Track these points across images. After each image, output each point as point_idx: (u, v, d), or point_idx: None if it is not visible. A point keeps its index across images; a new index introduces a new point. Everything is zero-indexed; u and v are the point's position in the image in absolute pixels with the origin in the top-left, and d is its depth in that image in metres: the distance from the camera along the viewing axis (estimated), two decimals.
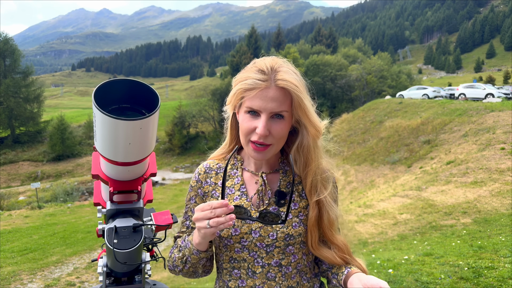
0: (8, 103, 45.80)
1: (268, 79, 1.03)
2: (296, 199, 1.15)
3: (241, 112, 1.08)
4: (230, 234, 1.11)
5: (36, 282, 7.60)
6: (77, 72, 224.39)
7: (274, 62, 1.06)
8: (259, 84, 1.02)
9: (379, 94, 46.33)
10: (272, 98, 1.02)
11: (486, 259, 4.72)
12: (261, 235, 1.09)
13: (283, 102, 1.03)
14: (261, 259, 1.10)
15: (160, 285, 1.26)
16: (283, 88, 1.02)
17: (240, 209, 1.00)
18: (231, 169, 1.21)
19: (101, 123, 0.82)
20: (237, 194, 1.16)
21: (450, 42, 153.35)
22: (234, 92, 1.09)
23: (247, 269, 1.12)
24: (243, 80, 1.05)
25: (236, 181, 1.18)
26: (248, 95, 1.03)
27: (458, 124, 17.55)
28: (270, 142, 1.05)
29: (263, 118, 1.02)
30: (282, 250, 1.10)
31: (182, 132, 46.93)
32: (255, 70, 1.05)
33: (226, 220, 0.93)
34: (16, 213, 17.07)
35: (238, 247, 1.11)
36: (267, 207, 1.12)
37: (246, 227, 1.10)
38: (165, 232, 1.18)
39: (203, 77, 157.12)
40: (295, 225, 1.10)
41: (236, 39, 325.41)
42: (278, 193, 1.14)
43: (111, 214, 1.04)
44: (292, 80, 1.02)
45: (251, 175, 1.18)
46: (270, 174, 1.18)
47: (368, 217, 10.08)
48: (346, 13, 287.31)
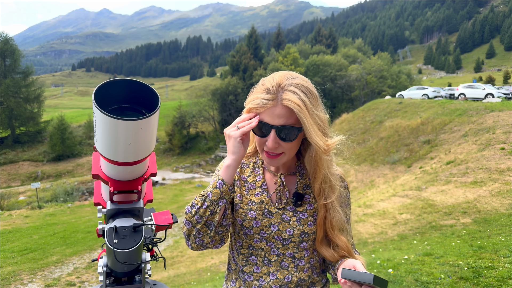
0: (8, 103, 45.77)
1: (275, 98, 1.09)
2: (312, 200, 1.24)
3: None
4: (252, 225, 1.21)
5: (36, 282, 7.60)
6: (77, 72, 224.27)
7: (282, 80, 1.11)
8: (266, 104, 1.09)
9: (379, 94, 46.33)
10: (278, 115, 1.08)
11: (486, 259, 4.72)
12: (279, 229, 1.20)
13: (290, 117, 1.09)
14: (277, 249, 1.21)
15: (160, 285, 1.26)
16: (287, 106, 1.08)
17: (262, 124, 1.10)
18: (253, 168, 1.31)
19: (101, 123, 0.83)
20: (258, 191, 1.25)
21: (450, 42, 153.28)
22: (246, 108, 1.17)
23: (263, 257, 1.21)
24: (252, 99, 1.13)
25: (258, 179, 1.28)
26: (258, 111, 1.12)
27: (458, 124, 17.55)
28: (281, 151, 1.14)
29: (272, 133, 1.10)
30: (296, 245, 1.21)
31: (182, 132, 46.88)
32: (263, 89, 1.12)
33: (252, 121, 1.10)
34: (16, 213, 17.07)
35: (257, 237, 1.21)
36: (285, 206, 1.22)
37: (266, 220, 1.20)
38: (165, 232, 1.18)
39: (203, 77, 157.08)
40: (310, 223, 1.21)
41: (236, 39, 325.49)
42: (296, 195, 1.23)
43: (111, 214, 1.05)
44: (295, 101, 1.06)
45: (272, 175, 1.28)
46: (288, 176, 1.27)
47: (368, 217, 10.07)
48: (346, 13, 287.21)
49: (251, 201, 1.24)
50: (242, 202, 1.24)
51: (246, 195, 1.25)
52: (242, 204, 1.24)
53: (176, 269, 8.38)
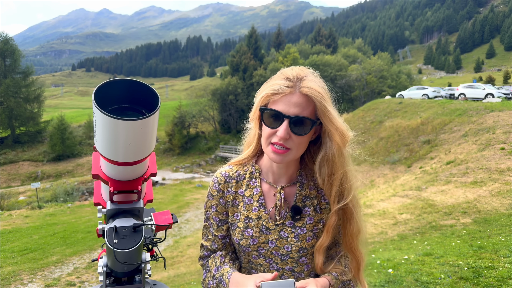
0: (8, 103, 45.77)
1: (293, 86, 1.07)
2: (311, 213, 1.19)
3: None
4: (249, 244, 1.18)
5: (36, 282, 7.60)
6: (77, 72, 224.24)
7: (301, 71, 1.11)
8: (284, 90, 1.06)
9: (379, 94, 46.33)
10: (295, 103, 1.06)
11: (486, 259, 4.72)
12: (277, 246, 1.18)
13: (306, 108, 1.06)
14: (276, 264, 1.19)
15: (160, 285, 1.26)
16: (306, 95, 1.06)
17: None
18: (249, 178, 1.24)
19: (101, 123, 0.82)
20: (256, 205, 1.21)
21: (450, 42, 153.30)
22: (260, 97, 1.12)
23: (263, 272, 1.20)
24: (270, 86, 1.10)
25: (255, 192, 1.22)
26: (273, 98, 1.08)
27: (458, 124, 17.55)
28: (289, 146, 1.08)
29: (285, 122, 1.05)
30: (295, 261, 1.18)
31: (182, 132, 46.89)
32: (282, 77, 1.10)
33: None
34: (16, 213, 17.08)
35: (255, 254, 1.19)
36: (283, 221, 1.18)
37: (263, 237, 1.18)
38: (165, 232, 1.18)
39: (203, 77, 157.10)
40: (308, 238, 1.16)
41: (236, 39, 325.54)
42: (294, 209, 1.18)
43: (111, 214, 1.04)
44: (316, 88, 1.06)
45: (270, 186, 1.22)
46: (288, 188, 1.21)
47: (368, 217, 10.07)
48: (346, 13, 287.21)
49: (247, 217, 1.19)
50: (239, 221, 1.21)
51: (243, 212, 1.21)
52: (239, 222, 1.20)
53: (176, 269, 8.38)
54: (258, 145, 1.24)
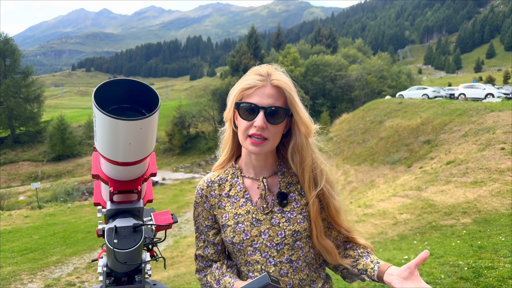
0: (8, 103, 45.77)
1: (265, 79, 1.16)
2: (297, 198, 1.24)
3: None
4: (242, 239, 1.19)
5: (36, 282, 7.60)
6: (77, 72, 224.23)
7: (270, 67, 1.21)
8: (257, 83, 1.14)
9: (379, 94, 46.32)
10: (268, 95, 1.14)
11: (486, 259, 4.72)
12: (270, 235, 1.19)
13: (278, 99, 1.15)
14: (273, 258, 1.19)
15: (160, 285, 1.26)
16: (277, 86, 1.15)
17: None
18: (231, 178, 1.29)
19: (101, 123, 0.82)
20: (242, 201, 1.24)
21: (450, 42, 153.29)
22: (234, 94, 1.19)
23: (261, 271, 1.20)
24: (243, 81, 1.18)
25: (238, 189, 1.26)
26: (247, 93, 1.15)
27: (458, 124, 17.55)
28: (266, 135, 1.14)
29: (260, 113, 1.13)
30: (291, 247, 1.19)
31: (182, 132, 46.91)
32: (254, 73, 1.19)
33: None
34: (16, 213, 17.07)
35: (250, 250, 1.20)
36: (272, 209, 1.21)
37: (255, 230, 1.20)
38: (165, 232, 1.18)
39: (203, 77, 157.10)
40: (299, 221, 1.20)
41: (236, 39, 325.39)
42: (280, 195, 1.22)
43: (111, 214, 1.04)
44: (284, 80, 1.16)
45: (252, 181, 1.27)
46: (270, 178, 1.26)
47: (368, 217, 10.08)
48: (346, 13, 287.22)
49: (237, 214, 1.22)
50: (228, 220, 1.23)
51: (231, 210, 1.24)
52: (229, 221, 1.22)
53: (176, 269, 8.38)
54: (234, 144, 1.30)
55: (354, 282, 1.29)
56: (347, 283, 4.54)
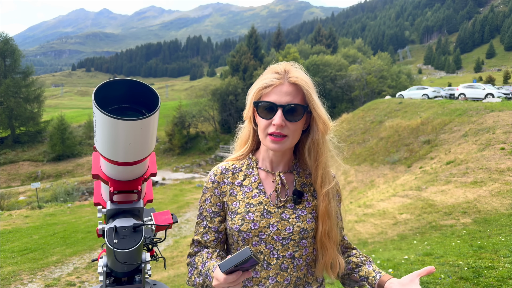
0: (8, 103, 45.77)
1: (282, 77, 1.17)
2: (310, 199, 1.25)
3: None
4: (250, 228, 1.18)
5: (36, 282, 7.60)
6: (77, 72, 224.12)
7: (287, 65, 1.21)
8: (274, 81, 1.16)
9: (379, 94, 46.30)
10: (286, 92, 1.15)
11: (486, 259, 4.72)
12: (278, 229, 1.19)
13: (296, 96, 1.16)
14: (277, 251, 1.19)
15: (160, 285, 1.26)
16: (295, 84, 1.16)
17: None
18: (246, 169, 1.30)
19: (101, 123, 0.83)
20: (255, 192, 1.24)
21: (450, 42, 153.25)
22: (253, 93, 1.20)
23: (263, 261, 1.19)
24: (261, 80, 1.19)
25: (253, 180, 1.27)
26: (265, 92, 1.17)
27: (458, 124, 17.55)
28: (286, 133, 1.16)
29: (279, 111, 1.14)
30: (296, 243, 1.20)
31: (182, 132, 46.90)
32: (271, 72, 1.20)
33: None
34: (16, 213, 17.08)
35: (256, 240, 1.19)
36: (285, 204, 1.22)
37: (264, 221, 1.19)
38: (165, 232, 1.18)
39: (203, 77, 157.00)
40: (308, 220, 1.21)
41: (236, 39, 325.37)
42: (296, 192, 1.24)
43: (111, 214, 1.05)
44: (302, 77, 1.17)
45: (267, 173, 1.28)
46: (286, 174, 1.28)
47: (368, 217, 10.08)
48: (346, 13, 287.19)
49: (249, 203, 1.22)
50: (238, 208, 1.22)
51: (243, 199, 1.23)
52: (239, 209, 1.22)
53: (176, 269, 8.38)
54: (254, 141, 1.32)
55: None
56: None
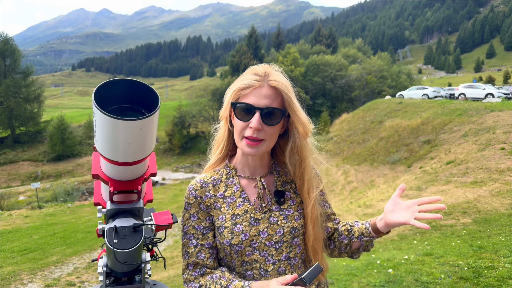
0: (8, 103, 45.76)
1: (262, 80, 1.14)
2: (293, 196, 1.25)
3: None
4: (241, 240, 1.15)
5: (36, 282, 7.60)
6: (77, 72, 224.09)
7: (267, 67, 1.18)
8: (254, 83, 1.12)
9: (379, 94, 46.31)
10: (265, 95, 1.12)
11: (486, 259, 4.72)
12: (269, 234, 1.17)
13: (275, 100, 1.13)
14: (271, 256, 1.17)
15: (160, 285, 1.26)
16: (274, 87, 1.13)
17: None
18: (226, 179, 1.25)
19: (101, 123, 0.82)
20: (239, 201, 1.21)
21: (450, 42, 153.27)
22: (231, 93, 1.17)
23: (259, 269, 1.17)
24: (240, 81, 1.16)
25: (235, 189, 1.23)
26: (244, 93, 1.14)
27: (458, 124, 17.54)
28: (262, 137, 1.13)
29: (256, 113, 1.11)
30: (289, 244, 1.19)
31: (182, 132, 46.91)
32: (251, 73, 1.16)
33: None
34: (16, 213, 17.07)
35: (249, 250, 1.16)
36: (270, 207, 1.20)
37: (254, 229, 1.17)
38: (165, 232, 1.18)
39: (203, 77, 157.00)
40: (297, 218, 1.21)
41: (236, 39, 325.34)
42: (277, 193, 1.23)
43: (111, 214, 1.04)
44: (282, 81, 1.15)
45: (248, 180, 1.25)
46: (266, 177, 1.26)
47: (368, 217, 10.07)
48: (346, 13, 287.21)
49: (234, 214, 1.18)
50: (225, 221, 1.17)
51: (228, 211, 1.18)
52: (226, 222, 1.17)
53: (176, 269, 8.37)
54: (229, 143, 1.27)
55: (360, 255, 1.31)
56: (347, 284, 4.55)
